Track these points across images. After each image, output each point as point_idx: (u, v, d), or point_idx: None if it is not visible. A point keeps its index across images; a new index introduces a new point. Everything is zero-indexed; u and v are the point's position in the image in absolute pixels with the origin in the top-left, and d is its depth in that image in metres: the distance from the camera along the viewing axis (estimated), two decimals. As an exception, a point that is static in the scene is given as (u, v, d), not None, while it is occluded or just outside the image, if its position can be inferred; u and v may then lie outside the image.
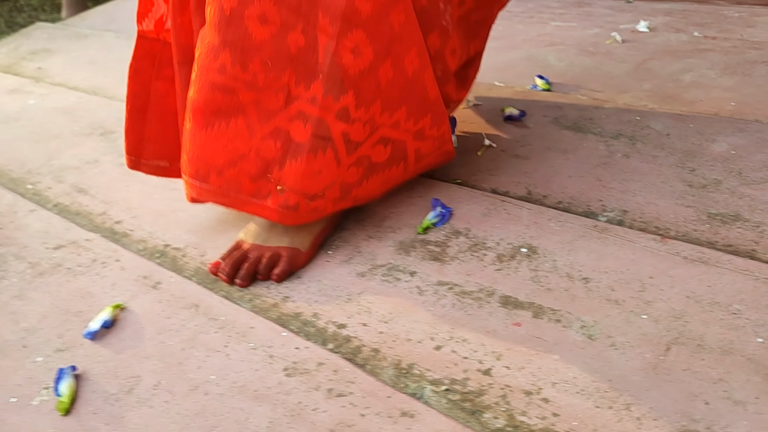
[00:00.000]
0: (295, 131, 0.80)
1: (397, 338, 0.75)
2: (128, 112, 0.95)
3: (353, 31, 0.77)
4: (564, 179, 1.01)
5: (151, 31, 0.93)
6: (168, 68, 0.93)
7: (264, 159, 0.81)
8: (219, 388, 0.70)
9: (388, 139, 0.86)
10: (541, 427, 0.61)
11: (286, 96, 0.79)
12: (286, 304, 0.82)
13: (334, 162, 0.82)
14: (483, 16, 1.02)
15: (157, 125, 0.96)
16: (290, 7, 0.76)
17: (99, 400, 0.70)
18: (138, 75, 0.94)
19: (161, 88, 0.94)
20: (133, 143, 0.97)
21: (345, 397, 0.66)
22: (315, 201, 0.84)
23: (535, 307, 0.76)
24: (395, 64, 0.81)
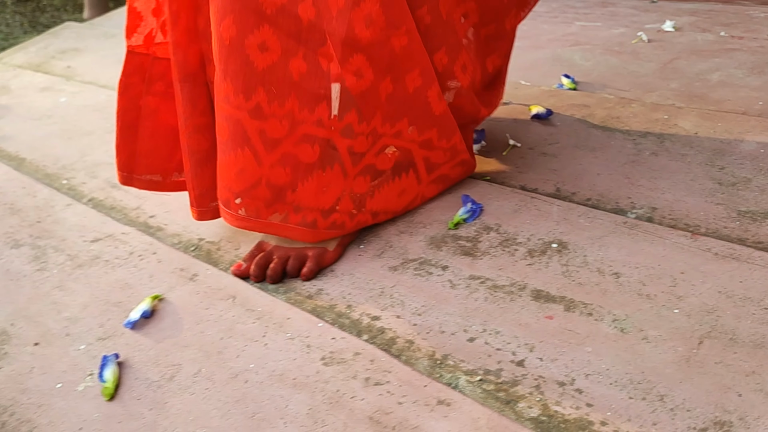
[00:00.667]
0: (303, 154, 0.82)
1: (431, 330, 0.76)
2: (119, 129, 0.95)
3: (354, 56, 0.79)
4: (592, 177, 1.02)
5: (140, 46, 0.93)
6: (158, 83, 0.93)
7: (275, 186, 0.83)
8: (258, 376, 0.71)
9: (392, 146, 0.88)
10: (576, 417, 0.63)
11: (290, 122, 0.80)
12: (320, 297, 0.84)
13: (341, 174, 0.85)
14: (493, 30, 1.00)
15: (149, 140, 0.95)
16: (290, 34, 0.77)
17: (142, 387, 0.72)
18: (128, 91, 0.93)
19: (152, 103, 0.94)
20: (124, 159, 0.96)
21: (382, 385, 0.68)
22: (331, 215, 0.86)
23: (566, 300, 0.77)
24: (395, 81, 0.84)
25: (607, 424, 0.61)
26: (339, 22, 0.77)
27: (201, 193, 0.91)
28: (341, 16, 0.77)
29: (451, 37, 0.90)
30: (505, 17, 1.01)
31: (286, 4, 0.76)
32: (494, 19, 0.99)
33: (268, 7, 0.75)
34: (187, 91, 0.85)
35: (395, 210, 0.94)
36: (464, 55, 0.92)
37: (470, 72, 0.94)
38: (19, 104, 1.76)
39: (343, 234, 0.90)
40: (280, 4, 0.76)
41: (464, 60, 0.92)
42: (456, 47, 0.91)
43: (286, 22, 0.77)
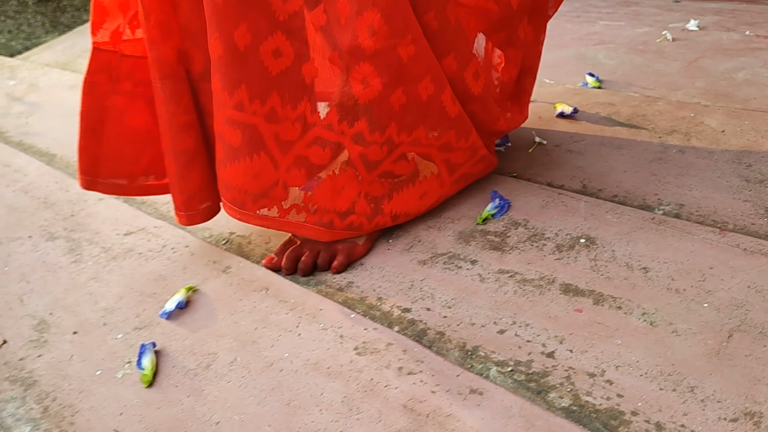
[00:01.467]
0: (315, 156, 0.83)
1: (461, 322, 0.77)
2: (82, 130, 0.90)
3: (360, 64, 0.79)
4: (619, 174, 1.03)
5: (106, 42, 0.88)
6: (125, 82, 0.90)
7: (292, 187, 0.84)
8: (293, 365, 0.73)
9: (411, 153, 0.89)
10: (606, 407, 0.64)
11: (302, 125, 0.81)
12: (350, 289, 0.86)
13: (354, 178, 0.86)
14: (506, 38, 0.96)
15: (115, 142, 0.91)
16: (302, 40, 0.78)
17: (179, 374, 0.74)
18: (93, 90, 0.89)
19: (119, 103, 0.90)
20: (87, 162, 0.92)
21: (415, 375, 0.69)
22: (348, 217, 0.87)
23: (595, 294, 0.78)
24: (408, 91, 0.83)
25: (638, 414, 0.62)
26: (346, 30, 0.78)
27: (189, 195, 0.89)
28: (348, 24, 0.78)
29: (461, 43, 0.88)
30: (517, 25, 0.96)
31: (298, 11, 0.77)
32: (505, 27, 0.95)
33: (281, 14, 0.76)
34: (169, 88, 0.83)
35: (417, 212, 0.94)
36: (476, 62, 0.91)
37: (483, 79, 0.92)
38: (48, 101, 1.79)
39: (362, 234, 0.91)
40: (292, 11, 0.76)
41: (476, 67, 0.91)
42: (467, 54, 0.89)
43: (298, 28, 0.77)
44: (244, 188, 0.83)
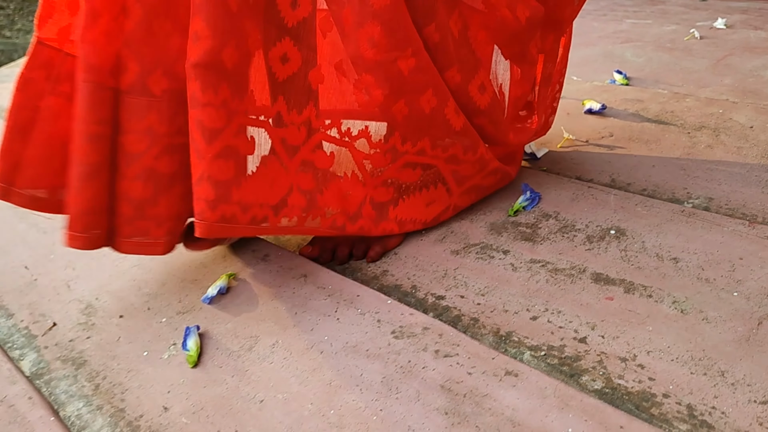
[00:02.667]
0: (319, 160, 0.83)
1: (495, 309, 0.79)
2: (8, 129, 0.82)
3: (362, 75, 0.79)
4: (647, 168, 1.05)
5: (52, 38, 0.82)
6: (65, 84, 0.82)
7: (305, 191, 0.82)
8: (332, 347, 0.76)
9: (416, 163, 0.89)
10: (638, 390, 0.66)
11: (307, 129, 0.81)
12: (386, 278, 0.88)
13: (359, 183, 0.87)
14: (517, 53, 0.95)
15: (42, 148, 0.83)
16: (310, 46, 0.78)
17: (223, 356, 0.77)
18: (28, 87, 0.82)
19: (54, 105, 0.82)
20: (7, 168, 0.83)
21: (452, 357, 0.72)
22: (357, 221, 0.88)
23: (626, 283, 0.80)
24: (410, 103, 0.82)
25: (670, 396, 0.64)
26: (350, 40, 0.77)
27: (79, 212, 0.78)
28: (351, 34, 0.77)
29: (466, 56, 0.86)
30: (528, 41, 0.94)
31: (307, 18, 0.77)
32: (515, 43, 0.93)
33: (289, 20, 0.76)
34: (89, 91, 0.75)
35: (424, 220, 0.94)
36: (483, 74, 0.89)
37: (491, 93, 0.91)
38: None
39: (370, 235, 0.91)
40: (301, 17, 0.76)
41: (482, 79, 0.89)
42: (472, 66, 0.87)
43: (306, 35, 0.78)
44: (264, 201, 0.78)
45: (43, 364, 0.80)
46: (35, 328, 0.87)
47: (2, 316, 0.90)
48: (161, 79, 0.76)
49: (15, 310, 0.92)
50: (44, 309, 0.91)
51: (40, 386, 0.76)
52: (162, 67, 0.76)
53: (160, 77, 0.76)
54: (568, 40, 1.07)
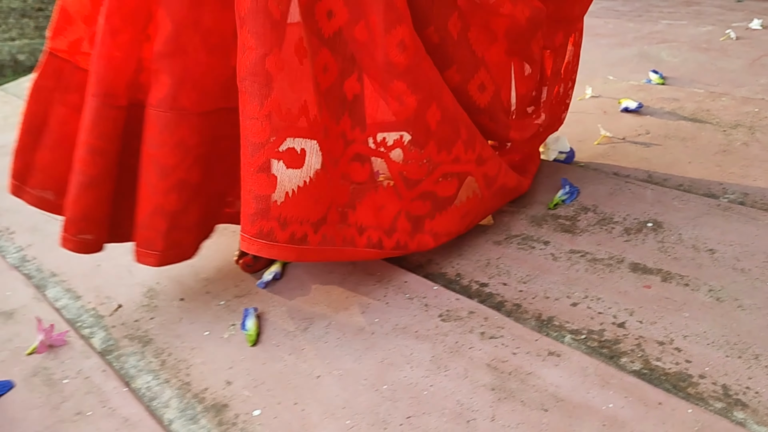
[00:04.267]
0: (355, 172, 0.82)
1: (536, 296, 0.84)
2: (22, 133, 0.87)
3: (394, 82, 0.78)
4: (684, 164, 1.08)
5: (63, 50, 0.85)
6: (74, 94, 0.85)
7: (340, 204, 0.81)
8: (383, 329, 0.80)
9: (453, 173, 0.87)
10: (675, 371, 0.69)
11: (344, 141, 0.80)
12: (430, 266, 0.93)
13: (395, 195, 0.84)
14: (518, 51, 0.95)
15: (51, 153, 0.87)
16: (345, 56, 0.78)
17: (280, 336, 0.82)
18: (40, 94, 0.86)
19: (63, 113, 0.86)
20: (20, 167, 0.88)
21: (497, 339, 0.76)
22: (392, 235, 0.84)
23: (663, 272, 0.84)
24: (440, 106, 0.83)
25: (705, 377, 0.68)
26: (379, 46, 0.76)
27: (73, 218, 0.83)
28: (381, 41, 0.76)
29: (465, 56, 0.87)
30: (531, 39, 0.95)
31: (343, 27, 0.76)
32: (519, 42, 0.94)
33: (326, 30, 0.76)
34: (94, 107, 0.79)
35: (458, 230, 0.92)
36: (483, 74, 0.90)
37: (491, 92, 0.91)
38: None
39: (405, 254, 0.88)
40: (337, 27, 0.76)
41: (482, 79, 0.90)
42: (471, 66, 0.88)
43: (341, 45, 0.77)
44: (305, 217, 0.77)
45: (112, 341, 0.86)
46: (102, 309, 0.93)
47: (71, 298, 0.97)
48: (191, 92, 0.79)
49: (82, 292, 0.98)
50: (109, 292, 0.97)
51: (111, 361, 0.82)
52: (191, 81, 0.79)
53: (190, 91, 0.79)
54: (579, 38, 1.07)
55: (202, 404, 0.73)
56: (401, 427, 0.67)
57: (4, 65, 4.29)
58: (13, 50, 4.42)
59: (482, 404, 0.68)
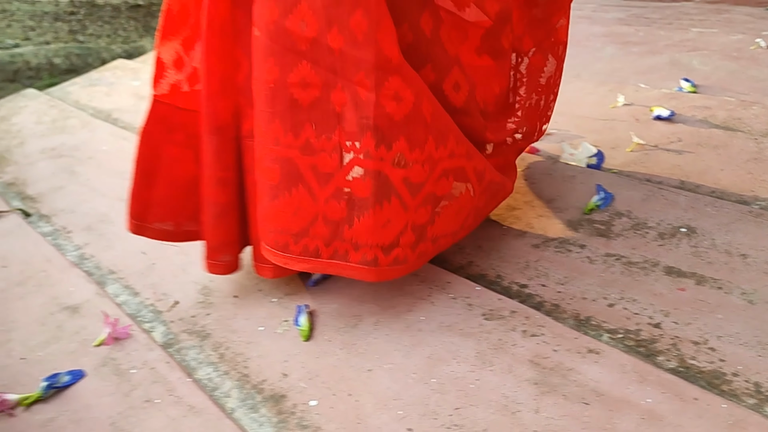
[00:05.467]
0: (356, 188, 0.80)
1: (574, 297, 0.88)
2: (136, 176, 0.93)
3: (389, 79, 0.77)
4: (716, 171, 1.11)
5: (165, 95, 0.92)
6: (179, 133, 0.92)
7: (332, 221, 0.81)
8: (429, 326, 0.85)
9: (449, 170, 0.86)
10: (710, 369, 0.73)
11: (339, 155, 0.79)
12: (471, 267, 0.97)
13: (401, 208, 0.81)
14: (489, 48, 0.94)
15: (166, 188, 0.94)
16: (327, 66, 0.77)
17: (331, 331, 0.87)
18: (149, 139, 0.92)
19: (172, 152, 0.93)
20: (138, 208, 0.95)
21: (538, 337, 0.80)
22: (392, 251, 0.82)
23: (697, 276, 0.87)
24: (430, 99, 0.82)
25: (739, 375, 0.72)
26: (366, 46, 0.75)
27: (214, 245, 0.91)
28: (367, 39, 0.75)
29: (439, 55, 0.87)
30: (501, 34, 0.94)
31: (316, 37, 0.76)
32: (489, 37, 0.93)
33: (301, 43, 0.76)
34: (215, 143, 0.86)
35: (454, 230, 0.90)
36: (457, 73, 0.89)
37: (466, 91, 0.90)
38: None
39: (408, 272, 0.86)
40: (311, 37, 0.76)
41: (456, 78, 0.89)
42: (445, 64, 0.87)
43: (320, 55, 0.76)
44: (285, 228, 0.82)
45: (171, 335, 0.91)
46: (160, 305, 0.99)
47: (130, 294, 1.02)
48: None
49: (140, 289, 1.03)
50: (165, 289, 1.02)
51: (173, 353, 0.88)
52: None
53: None
54: (562, 53, 1.06)
55: (261, 395, 0.78)
56: (450, 417, 0.71)
57: (40, 68, 4.39)
58: (49, 54, 4.52)
59: (526, 397, 0.72)
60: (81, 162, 1.61)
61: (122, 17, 6.05)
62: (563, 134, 1.35)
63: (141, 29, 5.55)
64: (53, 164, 1.63)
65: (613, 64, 1.74)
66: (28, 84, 4.31)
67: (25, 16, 5.86)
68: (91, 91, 2.26)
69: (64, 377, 0.84)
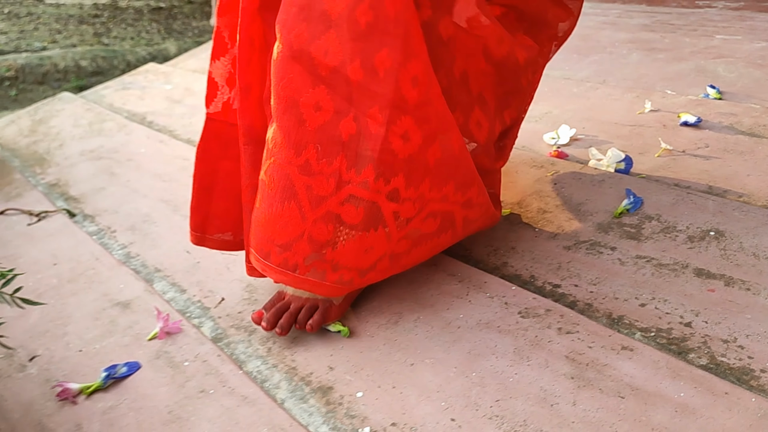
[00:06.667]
0: (347, 214, 0.81)
1: (606, 297, 0.91)
2: (195, 191, 0.98)
3: (402, 118, 0.79)
4: (742, 177, 1.14)
5: (218, 113, 0.96)
6: (233, 148, 0.95)
7: (317, 242, 0.82)
8: (467, 323, 0.89)
9: (437, 212, 0.88)
10: (739, 366, 0.77)
11: (337, 181, 0.80)
12: (506, 268, 1.01)
13: (384, 238, 0.84)
14: (511, 88, 1.00)
15: (224, 201, 0.98)
16: (342, 95, 0.78)
17: (373, 328, 0.91)
18: (206, 155, 0.97)
19: (228, 166, 0.97)
20: (198, 221, 1.00)
21: (573, 334, 0.84)
22: (367, 274, 0.86)
23: (726, 278, 0.91)
24: (443, 145, 0.84)
25: (766, 371, 0.75)
26: (386, 83, 0.77)
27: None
28: (388, 76, 0.77)
29: (465, 97, 0.91)
30: (520, 74, 1.00)
31: (338, 66, 0.77)
32: (513, 78, 0.99)
33: (322, 69, 0.77)
34: (250, 153, 0.89)
35: (424, 260, 0.95)
36: (477, 111, 0.93)
37: (486, 128, 0.95)
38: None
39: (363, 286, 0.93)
40: (332, 66, 0.77)
41: (478, 117, 0.93)
42: (469, 105, 0.92)
43: (338, 83, 0.78)
44: (271, 237, 0.84)
45: (220, 330, 0.96)
46: (207, 301, 1.03)
47: (177, 291, 1.07)
48: None
49: (186, 286, 1.08)
50: (211, 286, 1.07)
51: (222, 347, 0.92)
52: None
53: None
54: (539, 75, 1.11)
55: (309, 386, 0.83)
56: (491, 408, 0.75)
57: (68, 71, 4.49)
58: (76, 56, 4.62)
59: (563, 391, 0.76)
60: (120, 164, 1.66)
61: (144, 20, 6.15)
62: (591, 140, 1.38)
63: (163, 31, 5.65)
64: (93, 166, 1.68)
65: (639, 70, 1.77)
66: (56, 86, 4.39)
67: (51, 19, 5.98)
68: (124, 95, 2.32)
69: (121, 368, 0.89)
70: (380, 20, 0.76)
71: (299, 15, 0.78)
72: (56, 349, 0.97)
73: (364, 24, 0.76)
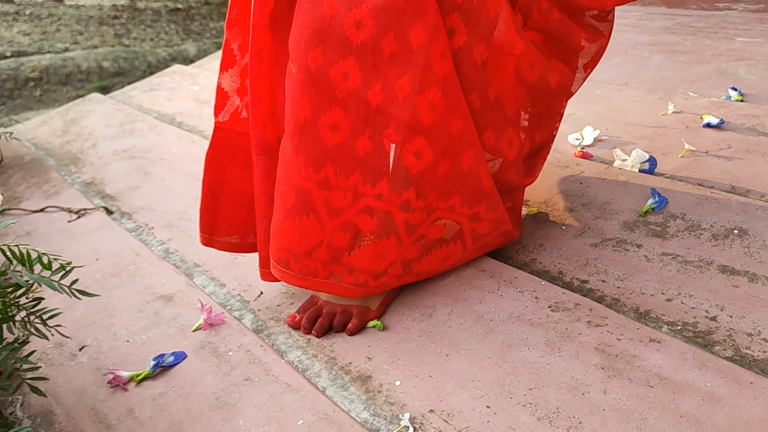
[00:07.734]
0: (363, 223, 0.88)
1: (633, 292, 0.95)
2: (204, 196, 1.03)
3: (416, 138, 0.85)
4: (765, 177, 1.17)
5: (226, 122, 1.00)
6: (241, 155, 1.00)
7: (335, 248, 0.89)
8: (499, 316, 0.93)
9: (444, 219, 0.94)
10: (763, 358, 0.80)
11: (353, 194, 0.87)
12: (534, 264, 1.05)
13: (396, 243, 0.91)
14: (544, 111, 1.05)
15: (230, 206, 1.03)
16: (359, 116, 0.84)
17: (407, 321, 0.95)
18: (214, 162, 1.02)
19: (235, 173, 1.01)
20: (207, 223, 1.04)
21: (602, 327, 0.87)
22: (380, 278, 0.93)
23: (750, 274, 0.94)
24: (452, 162, 0.89)
25: (791, 364, 0.78)
26: (404, 107, 0.83)
27: (266, 256, 0.98)
28: (407, 101, 0.83)
29: (499, 117, 0.95)
30: (555, 101, 1.05)
31: (357, 90, 0.83)
32: (546, 102, 1.03)
33: (340, 91, 0.83)
34: (263, 163, 0.93)
35: (437, 271, 1.01)
36: (510, 131, 0.97)
37: (517, 146, 0.99)
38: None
39: (387, 291, 0.98)
40: (351, 89, 0.83)
41: (510, 136, 0.98)
42: (502, 125, 0.96)
43: (356, 105, 0.83)
44: (290, 247, 0.90)
45: (260, 322, 1.00)
46: (246, 295, 1.08)
47: (216, 285, 1.12)
48: None
49: (225, 281, 1.13)
50: (249, 281, 1.11)
51: (264, 338, 0.96)
52: None
53: None
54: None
55: (348, 375, 0.87)
56: (525, 396, 0.79)
57: (90, 72, 4.56)
58: (98, 57, 4.69)
59: (594, 380, 0.79)
60: (153, 163, 1.71)
61: (163, 21, 6.23)
62: (615, 140, 1.42)
63: (182, 32, 5.72)
64: (127, 165, 1.74)
65: (661, 72, 1.79)
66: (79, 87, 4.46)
67: (72, 20, 6.06)
68: (152, 96, 2.38)
69: (169, 357, 0.93)
70: (403, 50, 0.82)
71: (314, 38, 0.83)
72: (104, 339, 1.02)
73: (387, 53, 0.82)
